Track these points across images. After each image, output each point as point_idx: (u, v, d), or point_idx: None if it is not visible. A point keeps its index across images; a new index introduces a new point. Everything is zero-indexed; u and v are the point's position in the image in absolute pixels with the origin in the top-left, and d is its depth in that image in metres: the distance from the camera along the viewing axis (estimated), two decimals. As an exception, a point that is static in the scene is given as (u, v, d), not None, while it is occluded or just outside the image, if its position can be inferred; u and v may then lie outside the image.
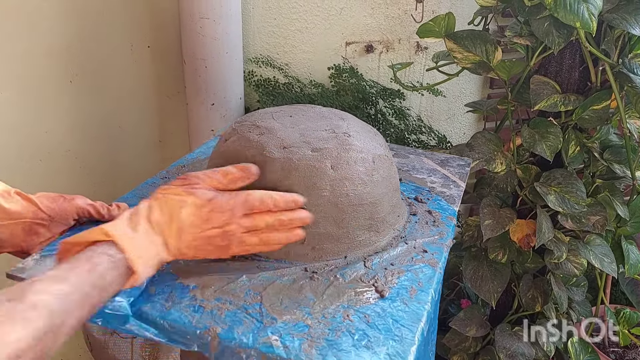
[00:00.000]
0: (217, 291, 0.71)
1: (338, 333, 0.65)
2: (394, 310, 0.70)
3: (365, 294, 0.73)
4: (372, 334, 0.65)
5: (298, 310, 0.69)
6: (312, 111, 0.92)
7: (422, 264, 0.80)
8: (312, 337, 0.64)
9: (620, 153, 1.28)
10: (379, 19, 1.68)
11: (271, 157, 0.78)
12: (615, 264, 1.32)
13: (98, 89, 1.49)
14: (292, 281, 0.75)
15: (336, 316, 0.68)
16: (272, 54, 1.63)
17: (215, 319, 0.67)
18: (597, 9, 0.99)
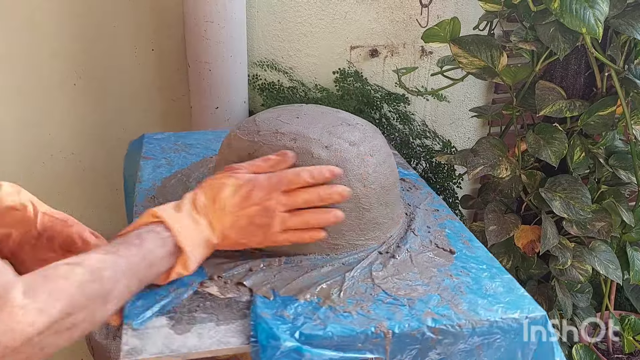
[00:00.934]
0: (343, 293, 0.74)
1: (461, 289, 0.76)
2: (471, 260, 0.84)
3: (441, 255, 0.85)
4: (481, 281, 0.78)
5: (416, 285, 0.77)
6: (312, 110, 0.95)
7: (446, 220, 0.95)
8: (451, 298, 0.74)
9: (626, 159, 1.27)
10: (383, 24, 1.68)
11: (320, 158, 0.81)
12: (620, 271, 1.31)
13: (102, 92, 1.49)
14: (383, 265, 0.81)
15: (445, 280, 0.78)
16: (276, 58, 1.63)
17: (370, 318, 0.70)
18: (604, 15, 0.99)
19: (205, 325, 0.68)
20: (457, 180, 1.66)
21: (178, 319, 0.68)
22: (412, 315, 0.70)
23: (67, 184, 1.51)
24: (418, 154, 1.66)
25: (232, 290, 0.74)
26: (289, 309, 0.70)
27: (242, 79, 1.52)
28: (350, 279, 0.77)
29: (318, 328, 0.67)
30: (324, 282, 0.76)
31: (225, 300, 0.72)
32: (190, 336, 0.66)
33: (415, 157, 1.66)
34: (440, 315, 0.70)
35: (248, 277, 0.76)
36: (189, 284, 0.73)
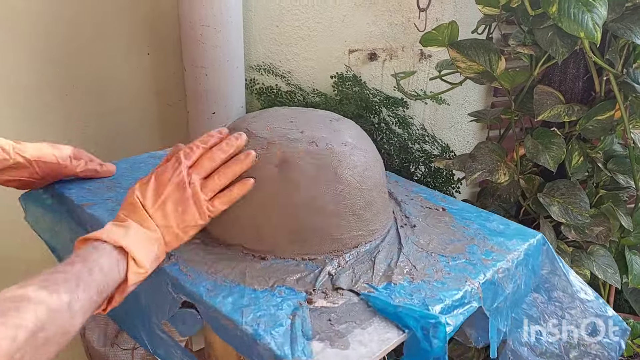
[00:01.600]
0: (416, 269, 0.82)
1: (482, 234, 0.92)
2: (462, 212, 0.99)
3: (439, 214, 0.98)
4: (486, 225, 0.95)
5: (456, 242, 0.89)
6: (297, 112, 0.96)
7: (413, 188, 1.06)
8: (484, 243, 0.89)
9: (624, 163, 1.27)
10: (382, 27, 1.67)
11: (350, 154, 0.87)
12: (618, 275, 1.30)
13: (97, 98, 1.48)
14: (417, 237, 0.90)
15: (464, 232, 0.92)
16: (274, 62, 1.62)
17: (459, 279, 0.80)
18: (602, 19, 0.98)
19: (355, 332, 0.69)
20: (456, 185, 1.65)
21: (328, 337, 0.68)
22: (477, 265, 0.84)
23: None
24: (417, 159, 1.65)
25: (337, 296, 0.76)
26: (398, 292, 0.76)
27: (239, 83, 1.51)
28: (408, 254, 0.86)
29: (439, 300, 0.75)
30: (395, 263, 0.83)
31: (342, 307, 0.73)
32: (356, 346, 0.68)
33: (414, 162, 1.66)
34: (492, 259, 0.85)
35: (336, 280, 0.79)
36: (298, 306, 0.73)
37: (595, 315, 0.95)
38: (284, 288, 0.76)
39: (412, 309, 0.72)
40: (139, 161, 1.13)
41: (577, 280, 0.95)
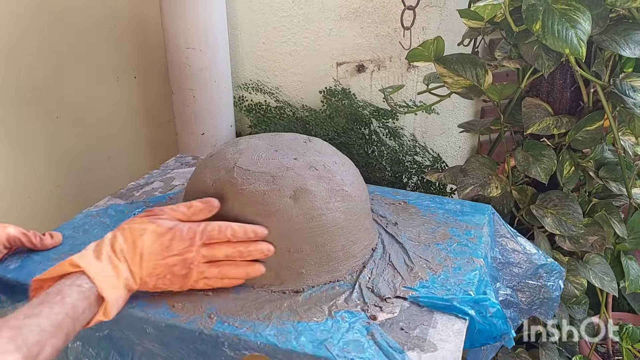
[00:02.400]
0: (440, 267, 0.88)
1: (451, 216, 1.05)
2: (420, 200, 1.11)
3: (405, 206, 1.08)
4: (446, 206, 1.08)
5: (434, 228, 1.00)
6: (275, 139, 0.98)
7: (368, 188, 1.03)
8: (456, 222, 1.02)
9: (616, 171, 1.26)
10: (369, 38, 1.67)
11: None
12: (615, 282, 1.30)
13: (85, 122, 1.47)
14: (396, 255, 0.94)
15: (436, 218, 1.04)
16: (262, 79, 1.61)
17: (469, 262, 0.90)
18: (586, 34, 0.98)
19: (430, 333, 0.74)
20: (449, 196, 1.65)
21: (414, 345, 0.72)
22: (467, 245, 0.94)
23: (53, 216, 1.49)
24: (409, 170, 1.65)
25: (389, 306, 0.79)
26: (434, 287, 0.83)
27: (227, 103, 1.50)
28: (411, 250, 0.92)
29: (468, 283, 0.84)
30: (407, 262, 0.89)
31: (402, 314, 0.78)
32: (442, 345, 0.72)
33: (407, 173, 1.65)
34: (473, 236, 0.97)
35: (379, 292, 0.82)
36: (366, 325, 0.75)
37: (539, 265, 1.05)
38: (342, 312, 0.78)
39: (463, 297, 0.79)
40: (78, 224, 1.01)
41: (522, 239, 1.07)
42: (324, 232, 0.84)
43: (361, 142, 1.59)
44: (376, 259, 0.90)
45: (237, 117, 1.59)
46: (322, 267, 0.84)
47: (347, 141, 1.55)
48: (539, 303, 1.08)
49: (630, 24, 1.07)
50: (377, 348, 0.71)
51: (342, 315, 0.77)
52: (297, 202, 0.83)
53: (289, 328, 0.75)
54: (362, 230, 0.90)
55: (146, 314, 0.78)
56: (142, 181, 1.16)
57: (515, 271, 1.05)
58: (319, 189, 0.85)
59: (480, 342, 0.82)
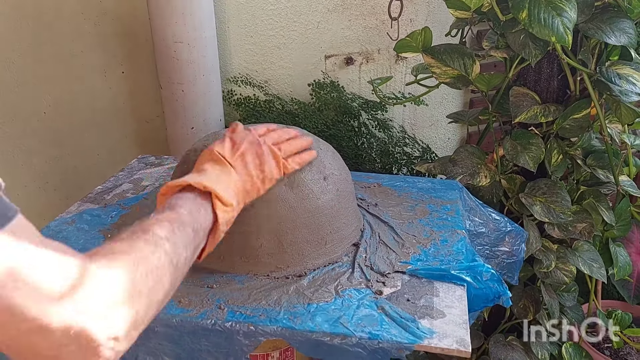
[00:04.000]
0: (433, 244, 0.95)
1: (432, 195, 1.11)
2: (399, 182, 1.16)
3: (389, 191, 1.12)
4: (429, 191, 1.14)
5: (415, 207, 1.06)
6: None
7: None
8: (438, 202, 1.09)
9: (603, 158, 1.27)
10: (357, 31, 1.67)
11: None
12: (604, 269, 1.32)
13: (73, 118, 1.47)
14: (384, 233, 0.98)
15: (421, 199, 1.10)
16: (250, 72, 1.61)
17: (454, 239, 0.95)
18: (572, 22, 0.99)
19: (435, 301, 0.79)
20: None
21: (424, 313, 0.76)
22: (447, 219, 1.01)
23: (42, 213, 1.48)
24: (399, 161, 1.65)
25: (390, 281, 0.83)
26: (429, 260, 0.88)
27: (216, 96, 1.50)
28: (397, 228, 0.97)
29: (458, 253, 0.91)
30: (396, 239, 0.94)
31: (405, 286, 0.82)
32: (450, 311, 0.77)
33: (396, 164, 1.66)
34: (451, 210, 1.05)
35: (378, 269, 0.86)
36: (374, 300, 0.79)
37: (506, 232, 1.12)
38: (348, 291, 0.81)
39: (459, 266, 0.83)
40: (55, 231, 0.98)
41: (489, 209, 1.13)
42: (320, 215, 0.86)
43: (350, 134, 1.59)
44: (367, 239, 0.93)
45: (226, 111, 1.59)
46: (320, 250, 0.87)
47: (336, 133, 1.55)
48: (507, 267, 1.13)
49: (615, 12, 1.08)
50: (390, 320, 0.74)
51: (349, 294, 0.80)
52: (292, 189, 0.84)
53: (301, 311, 0.76)
54: (351, 212, 0.93)
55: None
56: (109, 184, 1.15)
57: (486, 241, 1.10)
58: (312, 174, 0.87)
59: (479, 306, 0.86)
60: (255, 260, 0.85)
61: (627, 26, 1.06)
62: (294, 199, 0.84)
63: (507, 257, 1.12)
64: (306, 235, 0.86)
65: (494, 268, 1.07)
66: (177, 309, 0.78)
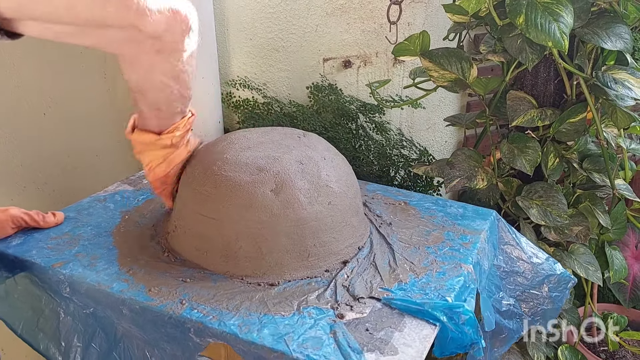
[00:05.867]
0: (422, 268, 0.90)
1: (449, 220, 1.04)
2: (421, 202, 1.10)
3: (404, 207, 1.07)
4: (448, 210, 1.09)
5: (429, 231, 0.98)
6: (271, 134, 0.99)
7: (365, 187, 1.13)
8: (454, 227, 1.02)
9: (599, 162, 1.29)
10: (355, 34, 1.68)
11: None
12: (600, 272, 1.33)
13: (73, 120, 1.47)
14: (381, 255, 0.94)
15: (434, 221, 1.05)
16: (249, 75, 1.62)
17: (455, 265, 0.90)
18: (569, 27, 1.00)
19: (395, 336, 0.74)
20: (436, 189, 1.67)
21: (375, 347, 0.71)
22: (458, 250, 0.93)
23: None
24: (396, 164, 1.66)
25: (360, 306, 0.79)
26: (412, 291, 0.83)
27: (215, 99, 1.51)
28: (399, 251, 0.92)
29: (449, 289, 0.84)
30: (391, 263, 0.89)
31: (371, 315, 0.78)
32: (404, 349, 0.72)
33: (394, 167, 1.67)
34: (468, 242, 0.96)
35: (353, 291, 0.82)
36: (331, 323, 0.76)
37: (546, 275, 1.04)
38: (310, 309, 0.78)
39: (436, 303, 0.78)
40: (84, 207, 1.11)
41: (529, 247, 1.05)
42: (304, 226, 0.84)
43: (348, 137, 1.60)
44: (360, 258, 0.90)
45: (225, 113, 1.59)
46: (301, 262, 0.85)
47: (334, 136, 1.56)
48: (542, 313, 1.05)
49: (612, 17, 1.09)
50: (335, 346, 0.71)
51: (310, 312, 0.78)
52: (278, 195, 0.84)
53: (253, 320, 0.76)
54: (347, 228, 0.90)
55: (122, 295, 0.80)
56: None
57: (520, 280, 1.03)
58: (303, 183, 0.85)
59: (450, 350, 0.81)
60: (234, 262, 0.85)
61: (623, 31, 1.07)
62: (277, 206, 0.83)
63: (543, 303, 1.05)
64: (286, 245, 0.84)
65: (526, 312, 1.04)
66: (144, 296, 0.80)
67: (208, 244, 0.86)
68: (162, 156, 0.88)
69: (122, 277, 0.84)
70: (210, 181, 0.86)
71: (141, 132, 0.86)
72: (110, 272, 0.86)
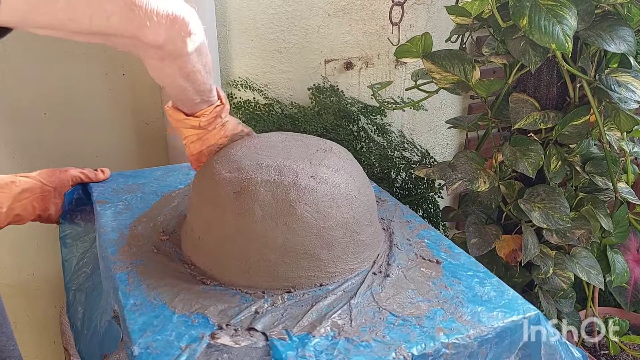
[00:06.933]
0: (354, 322, 0.76)
1: (459, 298, 0.81)
2: (458, 268, 0.89)
3: (429, 267, 0.89)
4: (474, 288, 0.85)
5: (419, 302, 0.80)
6: (285, 138, 0.96)
7: (422, 230, 1.00)
8: (454, 310, 0.79)
9: (602, 165, 1.28)
10: (356, 36, 1.67)
11: (311, 188, 0.83)
12: (601, 276, 1.32)
13: (73, 120, 1.46)
14: (381, 287, 0.83)
15: (442, 292, 0.83)
16: (250, 76, 1.61)
17: (388, 344, 0.72)
18: (572, 30, 0.99)
19: None
20: (437, 191, 1.66)
21: None
22: (425, 333, 0.73)
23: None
24: (397, 166, 1.66)
25: (245, 337, 0.72)
26: (308, 347, 0.70)
27: (216, 100, 1.50)
28: (356, 306, 0.78)
29: None
30: (332, 313, 0.76)
31: (242, 348, 0.70)
32: None
33: (395, 169, 1.66)
34: (449, 329, 0.74)
35: (257, 320, 0.75)
36: (199, 337, 0.71)
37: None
38: (200, 316, 0.75)
39: None
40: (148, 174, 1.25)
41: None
42: (250, 236, 0.82)
43: (350, 139, 1.60)
44: (306, 293, 0.82)
45: (225, 115, 1.59)
46: (239, 270, 0.84)
47: (335, 137, 1.55)
48: None
49: (615, 19, 1.09)
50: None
51: (196, 319, 0.76)
52: (237, 198, 0.82)
53: (151, 305, 0.78)
54: (305, 257, 0.82)
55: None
56: None
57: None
58: (263, 192, 0.82)
59: None
60: (193, 249, 0.89)
61: (627, 34, 1.07)
62: (233, 212, 0.83)
63: None
64: (232, 252, 0.85)
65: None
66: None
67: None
68: (196, 134, 0.92)
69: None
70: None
71: (174, 109, 0.90)
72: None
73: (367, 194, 0.91)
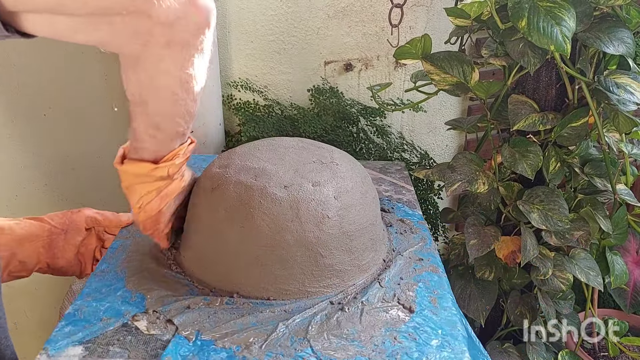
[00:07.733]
0: (265, 345, 0.70)
1: (398, 357, 0.69)
2: (428, 322, 0.76)
3: (397, 313, 0.78)
4: (426, 349, 0.71)
5: (350, 345, 0.71)
6: (292, 144, 0.95)
7: (426, 272, 0.89)
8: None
9: (601, 167, 1.28)
10: (356, 37, 1.67)
11: (277, 199, 0.79)
12: (600, 277, 1.32)
13: (74, 120, 1.47)
14: (327, 317, 0.76)
15: (385, 342, 0.72)
16: (250, 77, 1.62)
17: None
18: (571, 31, 0.99)
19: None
20: (437, 192, 1.66)
21: (92, 350, 0.68)
22: None
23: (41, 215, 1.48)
24: (397, 167, 1.66)
25: (159, 326, 0.73)
26: (202, 354, 0.68)
27: (216, 101, 1.50)
28: (283, 329, 0.73)
29: None
30: (253, 329, 0.72)
31: (147, 336, 0.71)
32: None
33: (394, 170, 1.66)
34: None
35: (182, 314, 0.75)
36: (123, 314, 0.74)
37: None
38: (140, 296, 0.78)
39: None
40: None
41: None
42: (204, 233, 0.84)
43: (349, 140, 1.60)
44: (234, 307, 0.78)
45: (225, 116, 1.59)
46: (199, 266, 0.85)
47: (335, 139, 1.55)
48: None
49: (614, 21, 1.09)
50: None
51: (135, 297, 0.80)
52: (212, 195, 0.83)
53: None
54: (256, 270, 0.80)
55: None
56: None
57: None
58: (230, 193, 0.81)
59: None
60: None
61: (626, 36, 1.07)
62: (206, 208, 0.84)
63: None
64: (194, 245, 0.86)
65: None
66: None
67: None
68: (155, 190, 0.78)
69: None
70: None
71: (134, 162, 0.75)
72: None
73: (351, 218, 0.83)
